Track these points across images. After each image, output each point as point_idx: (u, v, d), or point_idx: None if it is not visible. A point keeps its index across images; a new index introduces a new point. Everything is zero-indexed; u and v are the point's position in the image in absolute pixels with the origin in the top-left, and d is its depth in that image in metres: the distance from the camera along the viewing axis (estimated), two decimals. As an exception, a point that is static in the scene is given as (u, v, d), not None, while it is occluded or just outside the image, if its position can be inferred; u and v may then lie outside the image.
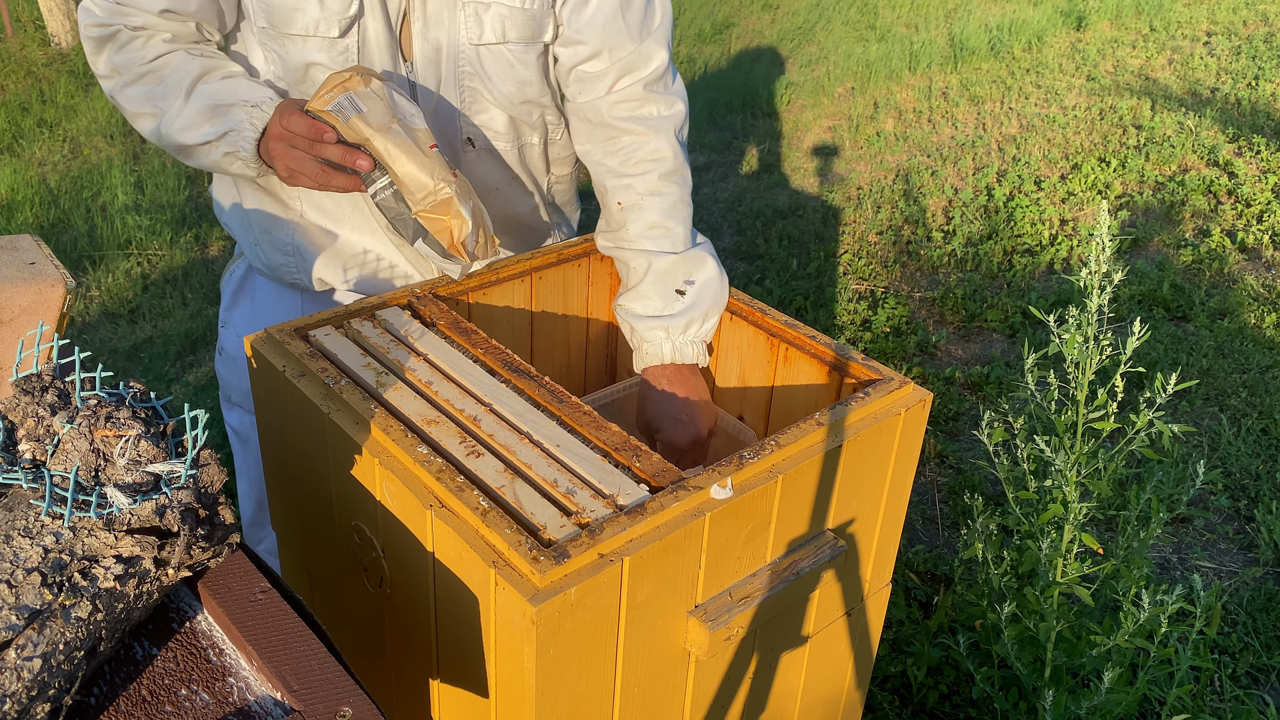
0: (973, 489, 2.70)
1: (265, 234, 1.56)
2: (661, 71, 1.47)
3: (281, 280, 1.59)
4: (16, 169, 4.39)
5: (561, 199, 1.68)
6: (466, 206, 1.33)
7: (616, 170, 1.48)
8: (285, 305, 1.62)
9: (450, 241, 1.33)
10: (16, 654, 0.74)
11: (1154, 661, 1.76)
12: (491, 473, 1.09)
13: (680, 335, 1.42)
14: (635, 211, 1.46)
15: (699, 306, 1.42)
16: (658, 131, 1.47)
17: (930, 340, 3.38)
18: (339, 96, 1.29)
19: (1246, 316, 3.45)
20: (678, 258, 1.45)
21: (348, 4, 1.36)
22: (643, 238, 1.46)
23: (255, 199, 1.55)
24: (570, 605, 0.96)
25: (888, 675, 2.16)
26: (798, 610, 1.26)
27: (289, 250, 1.55)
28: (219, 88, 1.38)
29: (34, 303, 0.97)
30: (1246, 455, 2.83)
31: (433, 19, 1.40)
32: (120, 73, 1.43)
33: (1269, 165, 4.48)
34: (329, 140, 1.30)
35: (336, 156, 1.31)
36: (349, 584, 1.27)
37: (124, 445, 0.83)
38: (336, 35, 1.38)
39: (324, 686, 0.81)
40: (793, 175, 4.63)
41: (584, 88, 1.48)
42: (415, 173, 1.30)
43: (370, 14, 1.38)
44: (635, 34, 1.44)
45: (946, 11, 6.70)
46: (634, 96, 1.46)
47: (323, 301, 1.61)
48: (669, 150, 1.47)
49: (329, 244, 1.54)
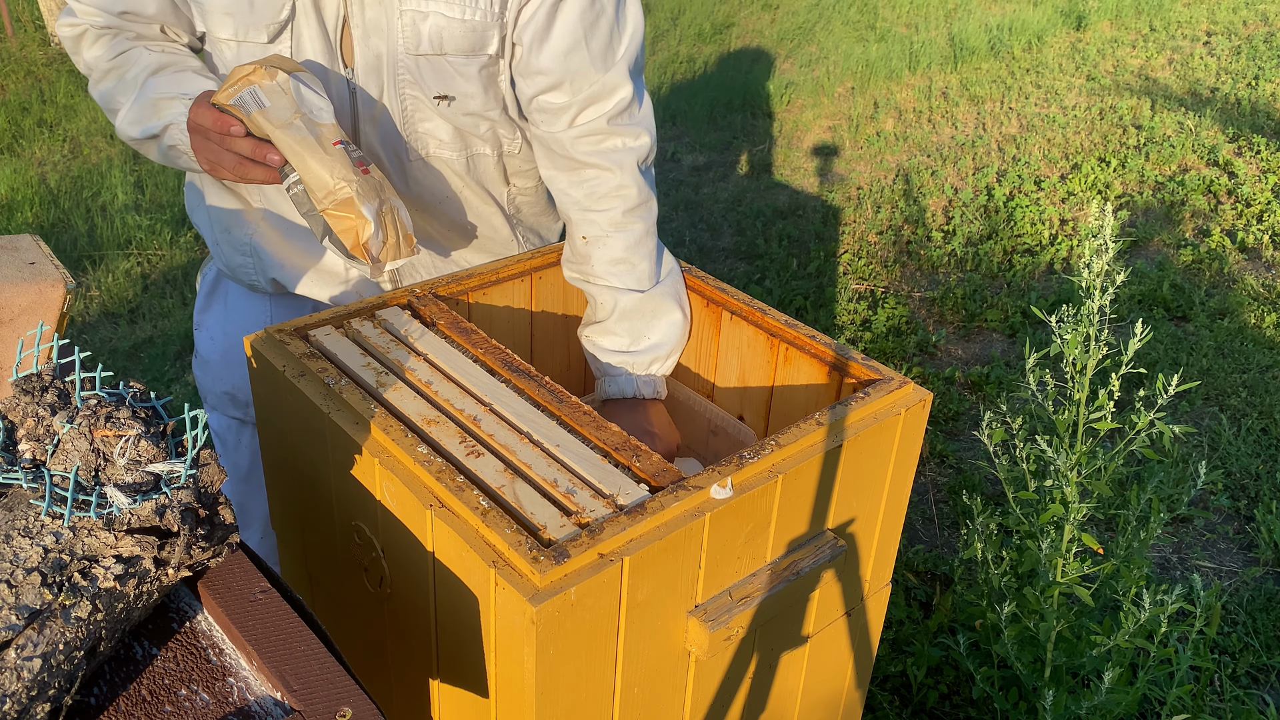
0: (972, 489, 2.70)
1: (225, 233, 1.55)
2: (626, 103, 1.42)
3: (240, 281, 1.58)
4: (16, 169, 4.39)
5: (529, 211, 1.62)
6: (369, 207, 1.27)
7: (581, 203, 1.46)
8: (255, 309, 1.61)
9: (354, 242, 1.28)
10: (16, 654, 0.74)
11: (1154, 661, 1.76)
12: (491, 473, 1.09)
13: (643, 371, 1.48)
14: (600, 246, 1.46)
15: (663, 346, 1.48)
16: (622, 167, 1.43)
17: (930, 340, 3.38)
18: (242, 90, 1.26)
19: (1246, 316, 3.45)
20: (644, 297, 1.46)
21: (277, 10, 1.34)
22: (608, 274, 1.46)
23: (218, 197, 1.54)
24: (570, 605, 0.96)
25: (888, 675, 2.16)
26: (798, 610, 1.26)
27: (247, 250, 1.54)
28: (166, 81, 1.38)
29: (34, 303, 0.97)
30: (1246, 455, 2.83)
31: (372, 27, 1.36)
32: (92, 70, 1.45)
33: (1269, 165, 4.48)
34: (237, 134, 1.27)
35: (246, 151, 1.28)
36: (349, 584, 1.27)
37: (124, 445, 0.83)
38: (265, 41, 1.36)
39: (324, 686, 0.81)
40: (793, 175, 4.63)
41: (546, 118, 1.43)
42: (316, 170, 1.26)
43: (304, 20, 1.35)
44: (599, 64, 1.39)
45: (946, 11, 6.70)
46: (598, 130, 1.42)
47: (290, 306, 1.60)
48: (633, 185, 1.44)
49: (286, 246, 1.52)
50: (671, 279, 1.50)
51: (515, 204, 1.59)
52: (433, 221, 1.54)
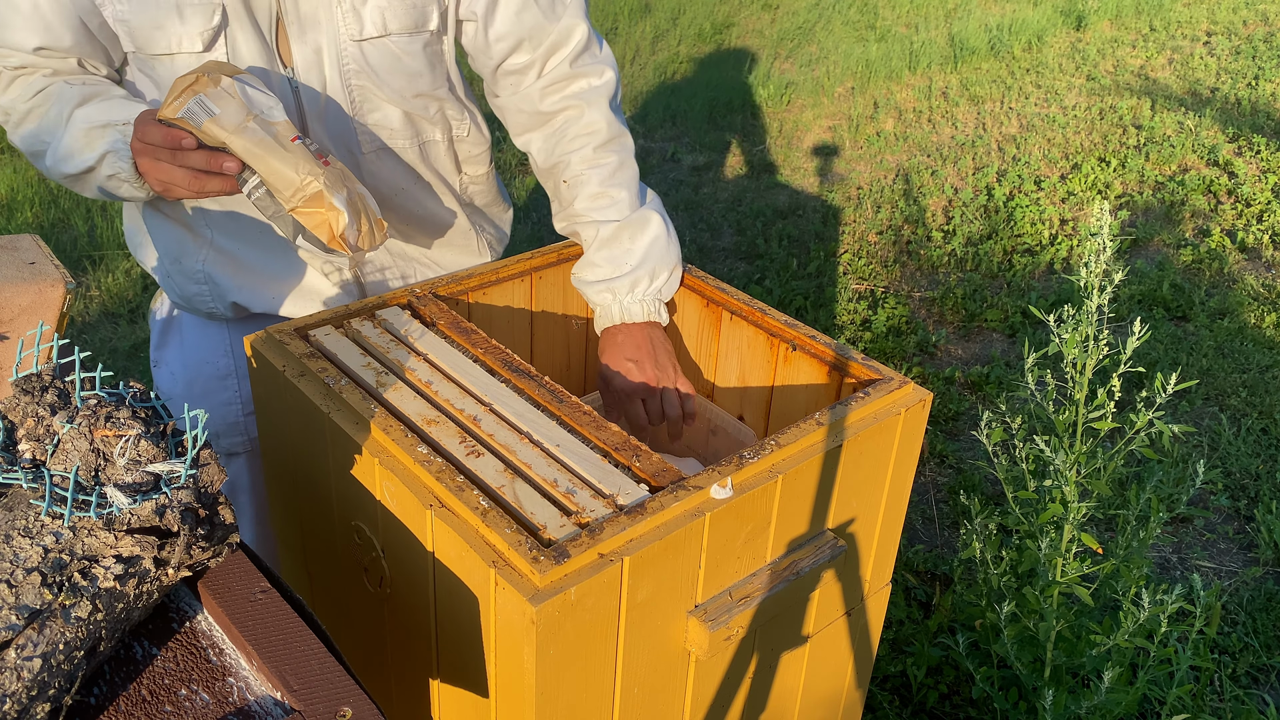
0: (972, 489, 2.70)
1: (176, 264, 1.51)
2: (585, 43, 1.48)
3: (198, 311, 1.55)
4: (17, 169, 4.39)
5: (481, 200, 1.65)
6: (339, 197, 1.26)
7: (555, 150, 1.50)
8: (213, 338, 1.59)
9: (330, 235, 1.27)
10: (16, 654, 0.74)
11: (1154, 661, 1.76)
12: (491, 472, 1.09)
13: (627, 295, 1.46)
14: (578, 186, 1.49)
15: (645, 265, 1.47)
16: (590, 104, 1.48)
17: (930, 340, 3.38)
18: (189, 101, 1.22)
19: (1246, 316, 3.45)
20: (621, 223, 1.48)
21: (209, 16, 1.31)
22: (589, 210, 1.48)
23: (162, 228, 1.50)
24: (570, 605, 0.96)
25: (888, 675, 2.16)
26: (798, 610, 1.26)
27: (200, 279, 1.51)
28: (94, 111, 1.33)
29: (34, 303, 0.97)
30: (1246, 455, 2.83)
31: (308, 21, 1.35)
32: (10, 114, 1.39)
33: (1269, 165, 4.48)
34: (189, 147, 1.23)
35: (200, 163, 1.24)
36: (349, 584, 1.28)
37: (124, 445, 0.83)
38: (201, 49, 1.33)
39: (324, 686, 0.81)
40: (793, 175, 4.63)
41: (513, 81, 1.48)
42: (279, 169, 1.23)
43: (237, 23, 1.33)
44: (550, 14, 1.44)
45: (946, 11, 6.70)
46: (563, 76, 1.47)
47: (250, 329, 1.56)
48: (603, 121, 1.49)
49: (241, 268, 1.50)
50: (652, 203, 1.52)
51: (468, 193, 1.62)
52: (390, 215, 1.53)
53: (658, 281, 1.48)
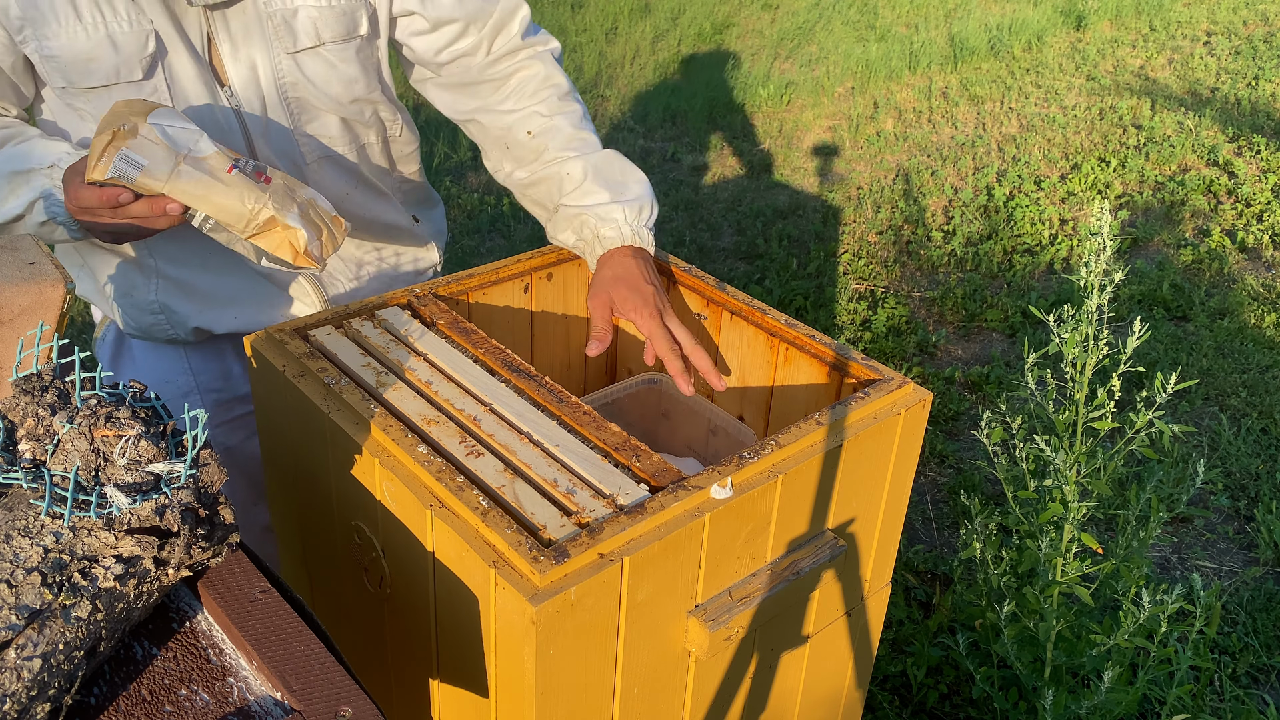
0: (972, 489, 2.70)
1: (127, 297, 1.49)
2: (528, 18, 1.51)
3: (156, 339, 1.53)
4: (16, 169, 4.38)
5: (415, 197, 1.68)
6: (292, 214, 1.23)
7: (515, 107, 1.52)
8: (168, 362, 1.57)
9: (294, 254, 1.24)
10: (16, 654, 0.74)
11: (1154, 661, 1.76)
12: (491, 472, 1.09)
13: (635, 219, 1.47)
14: (551, 133, 1.51)
15: (644, 198, 1.49)
16: (544, 61, 1.53)
17: (930, 340, 3.38)
18: (114, 159, 1.16)
19: (1246, 316, 3.45)
20: (609, 153, 1.51)
21: (143, 43, 1.28)
22: (567, 150, 1.50)
23: (106, 264, 1.47)
24: (570, 605, 0.96)
25: (888, 675, 2.16)
26: (798, 610, 1.26)
27: (155, 309, 1.49)
28: (11, 156, 1.28)
29: (34, 303, 0.97)
30: (1246, 455, 2.83)
31: (240, 38, 1.34)
32: None
33: (1269, 165, 4.48)
34: (126, 201, 1.18)
35: (143, 213, 1.20)
36: (349, 584, 1.28)
37: (124, 445, 0.83)
38: (140, 78, 1.30)
39: (324, 686, 0.81)
40: (793, 175, 4.63)
41: (462, 64, 1.51)
42: (224, 204, 1.19)
43: (172, 48, 1.30)
44: None
45: (946, 11, 6.70)
46: (511, 49, 1.51)
47: (208, 349, 1.56)
48: (559, 74, 1.53)
49: (196, 293, 1.48)
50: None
51: (402, 191, 1.64)
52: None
53: (652, 215, 1.50)
